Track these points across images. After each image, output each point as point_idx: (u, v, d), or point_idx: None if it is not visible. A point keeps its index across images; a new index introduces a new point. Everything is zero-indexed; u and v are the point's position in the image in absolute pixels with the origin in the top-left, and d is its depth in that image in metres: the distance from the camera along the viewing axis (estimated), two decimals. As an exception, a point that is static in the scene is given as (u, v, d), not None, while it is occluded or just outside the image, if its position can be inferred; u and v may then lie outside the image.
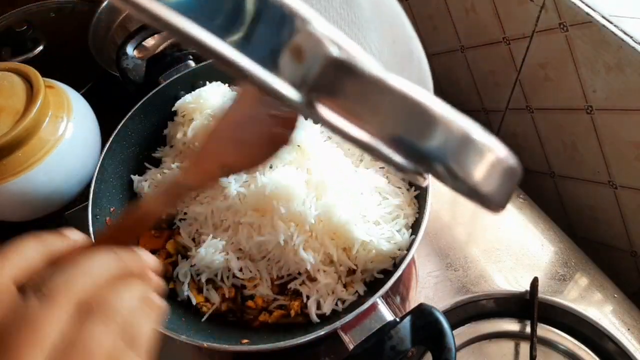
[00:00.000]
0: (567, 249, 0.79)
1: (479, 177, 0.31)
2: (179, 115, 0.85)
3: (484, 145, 0.31)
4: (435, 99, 0.30)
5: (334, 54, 0.29)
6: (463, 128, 0.30)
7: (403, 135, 0.30)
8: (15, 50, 1.14)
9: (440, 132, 0.30)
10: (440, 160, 0.30)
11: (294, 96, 0.30)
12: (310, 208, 0.69)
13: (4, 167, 0.83)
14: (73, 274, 0.34)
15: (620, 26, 0.68)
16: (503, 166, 0.31)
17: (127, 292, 0.35)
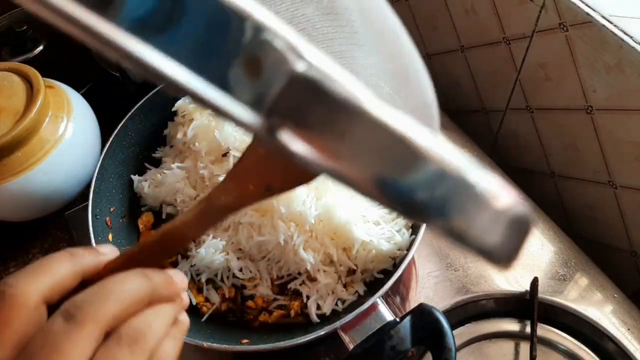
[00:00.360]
0: (567, 249, 0.79)
1: (480, 230, 0.25)
2: (179, 115, 0.85)
3: (487, 191, 0.25)
4: (427, 130, 0.24)
5: (299, 70, 0.23)
6: (459, 169, 0.24)
7: (385, 176, 0.25)
8: (15, 50, 1.14)
9: (429, 173, 0.24)
10: (434, 210, 0.25)
11: (249, 118, 0.24)
12: (311, 208, 0.69)
13: (4, 167, 0.83)
14: (103, 298, 0.33)
15: (620, 26, 0.68)
16: (511, 215, 0.26)
17: (156, 319, 0.35)
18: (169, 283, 0.38)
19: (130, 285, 0.35)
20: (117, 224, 0.77)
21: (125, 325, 0.33)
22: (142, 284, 0.35)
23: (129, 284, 0.34)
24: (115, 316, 0.33)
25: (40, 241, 0.98)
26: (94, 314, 0.32)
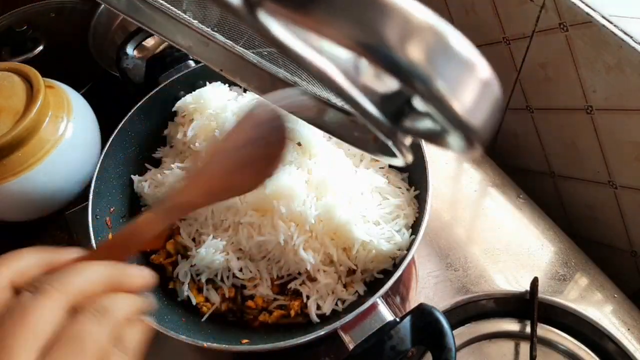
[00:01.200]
0: (567, 249, 0.79)
1: (466, 100, 0.24)
2: (179, 115, 0.85)
3: (467, 58, 0.24)
4: None
5: None
6: (444, 33, 0.24)
7: (369, 41, 0.23)
8: (15, 50, 1.14)
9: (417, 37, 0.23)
10: (417, 77, 0.23)
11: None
12: (311, 208, 0.69)
13: (4, 167, 0.83)
14: (69, 274, 0.35)
15: (620, 26, 0.68)
16: (485, 83, 0.25)
17: (120, 302, 0.36)
18: (134, 276, 0.40)
19: (97, 267, 0.37)
20: (117, 224, 0.77)
21: (91, 301, 0.34)
22: (107, 269, 0.37)
23: (95, 267, 0.37)
24: (81, 290, 0.34)
25: (40, 241, 0.98)
26: (60, 285, 0.34)
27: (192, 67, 0.87)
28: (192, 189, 0.53)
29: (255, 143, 0.58)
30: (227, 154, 0.57)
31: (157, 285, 0.75)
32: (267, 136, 0.59)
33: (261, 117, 0.59)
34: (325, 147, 0.78)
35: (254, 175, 0.58)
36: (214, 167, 0.55)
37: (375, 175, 0.77)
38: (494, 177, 0.88)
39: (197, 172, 0.55)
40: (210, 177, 0.55)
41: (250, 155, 0.58)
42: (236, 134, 0.58)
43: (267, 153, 0.58)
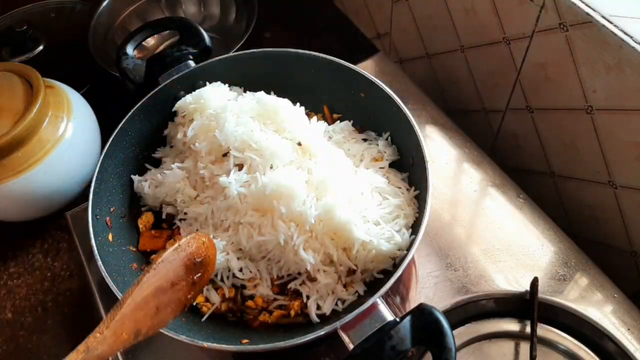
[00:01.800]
0: (567, 249, 0.79)
1: None
2: (179, 115, 0.85)
3: None
4: None
5: None
6: None
7: None
8: (15, 50, 1.14)
9: None
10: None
11: None
12: (311, 208, 0.69)
13: (4, 167, 0.83)
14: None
15: (620, 26, 0.68)
16: None
17: None
18: None
19: None
20: (117, 224, 0.77)
21: None
22: None
23: None
24: None
25: (40, 241, 0.98)
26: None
27: (192, 67, 0.87)
28: (109, 338, 0.52)
29: (177, 285, 0.59)
30: (149, 298, 0.56)
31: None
32: (194, 272, 0.62)
33: (190, 254, 0.62)
34: (326, 147, 0.78)
35: (165, 316, 0.59)
36: (135, 312, 0.54)
37: (375, 175, 0.77)
38: (494, 177, 0.88)
39: (119, 318, 0.53)
40: (128, 322, 0.54)
41: (170, 297, 0.59)
42: (160, 275, 0.58)
43: (185, 295, 0.61)
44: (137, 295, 0.55)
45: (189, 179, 0.79)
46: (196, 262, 0.62)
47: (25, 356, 0.86)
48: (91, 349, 0.49)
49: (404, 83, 1.01)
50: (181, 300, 0.61)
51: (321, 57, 0.85)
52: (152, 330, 0.57)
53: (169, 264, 0.59)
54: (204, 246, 0.64)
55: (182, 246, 0.61)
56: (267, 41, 1.27)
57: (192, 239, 0.63)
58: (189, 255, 0.61)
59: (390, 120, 0.81)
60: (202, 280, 0.63)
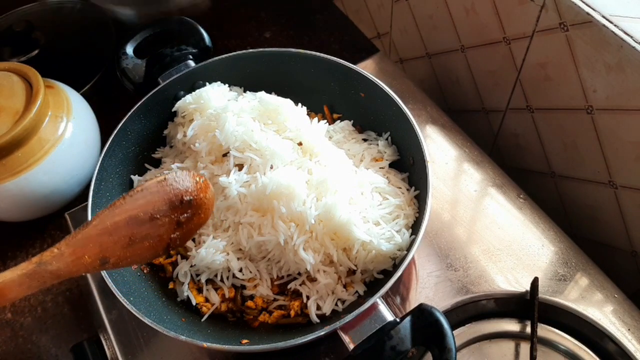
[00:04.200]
0: (567, 249, 0.79)
1: None
2: (179, 115, 0.85)
3: None
4: None
5: None
6: None
7: None
8: (15, 50, 1.14)
9: None
10: None
11: None
12: (311, 208, 0.69)
13: (4, 167, 0.83)
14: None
15: (621, 26, 0.68)
16: None
17: None
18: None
19: None
20: (117, 224, 0.77)
21: None
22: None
23: None
24: None
25: (40, 241, 0.98)
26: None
27: (191, 67, 0.87)
28: (66, 255, 0.48)
29: (157, 221, 0.53)
30: (120, 225, 0.51)
31: (157, 285, 0.75)
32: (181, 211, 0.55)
33: (178, 191, 0.55)
34: (326, 148, 0.78)
35: (140, 253, 0.53)
36: (99, 235, 0.50)
37: (375, 175, 0.77)
38: (494, 177, 0.88)
39: (76, 236, 0.49)
40: (91, 244, 0.49)
41: (146, 232, 0.53)
42: (139, 203, 0.53)
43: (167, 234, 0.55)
44: (106, 218, 0.51)
45: (188, 179, 0.79)
46: (184, 201, 0.56)
47: (25, 356, 0.86)
48: (44, 262, 0.46)
49: (404, 83, 1.01)
50: (163, 238, 0.55)
51: (321, 57, 0.85)
52: (123, 261, 0.53)
53: (149, 195, 0.54)
54: (197, 186, 0.58)
55: (169, 180, 0.56)
56: (267, 41, 1.27)
57: (183, 175, 0.57)
58: (175, 191, 0.55)
59: (390, 120, 0.81)
60: (190, 223, 0.57)
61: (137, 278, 0.73)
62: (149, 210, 0.53)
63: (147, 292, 0.72)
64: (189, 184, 0.57)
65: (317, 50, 0.85)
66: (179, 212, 0.55)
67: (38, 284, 0.47)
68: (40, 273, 0.46)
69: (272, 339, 0.66)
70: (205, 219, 0.60)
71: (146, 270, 0.76)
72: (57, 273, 0.47)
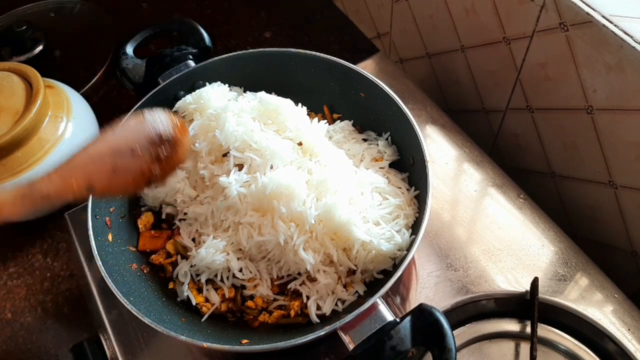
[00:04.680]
0: (567, 249, 0.79)
1: None
2: (179, 115, 0.85)
3: None
4: None
5: None
6: None
7: None
8: (15, 50, 1.14)
9: None
10: None
11: None
12: (311, 208, 0.69)
13: (4, 167, 0.83)
14: None
15: (621, 26, 0.68)
16: None
17: None
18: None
19: None
20: (116, 224, 0.77)
21: None
22: None
23: None
24: None
25: (40, 241, 0.98)
26: None
27: (191, 67, 0.87)
28: (55, 178, 0.53)
29: (138, 153, 0.58)
30: (104, 154, 0.57)
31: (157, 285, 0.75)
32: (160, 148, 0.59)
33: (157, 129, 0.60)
34: (326, 148, 0.78)
35: (124, 183, 0.58)
36: (85, 162, 0.55)
37: (375, 175, 0.77)
38: (494, 177, 0.88)
39: (68, 166, 0.54)
40: (78, 171, 0.54)
41: (128, 163, 0.58)
42: (119, 136, 0.58)
43: (148, 167, 0.59)
44: (91, 148, 0.56)
45: (188, 179, 0.79)
46: (162, 137, 0.60)
47: (25, 356, 0.86)
48: (35, 186, 0.51)
49: (404, 83, 1.01)
50: (144, 171, 0.59)
51: (321, 57, 0.85)
52: (108, 190, 0.57)
53: (129, 129, 0.59)
54: (174, 124, 0.62)
55: (147, 118, 0.61)
56: (267, 41, 1.27)
57: (160, 113, 0.62)
58: (154, 127, 0.60)
59: (390, 120, 0.81)
60: (169, 160, 0.61)
61: (137, 278, 0.73)
62: (129, 143, 0.58)
63: (147, 292, 0.72)
64: (166, 122, 0.61)
65: (317, 50, 0.85)
66: (158, 147, 0.59)
67: (30, 205, 0.52)
68: (31, 195, 0.51)
69: (272, 339, 0.66)
70: (182, 157, 0.63)
71: (146, 270, 0.76)
72: (47, 195, 0.52)
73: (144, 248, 0.78)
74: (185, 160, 0.64)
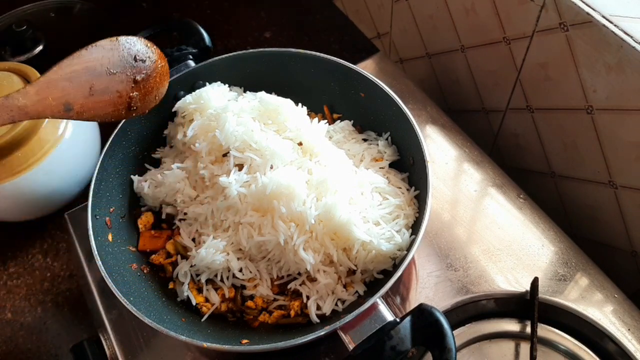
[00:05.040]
0: (567, 249, 0.79)
1: None
2: (179, 115, 0.85)
3: None
4: None
5: None
6: None
7: None
8: (15, 50, 1.14)
9: None
10: None
11: None
12: (311, 208, 0.69)
13: (4, 167, 0.83)
14: None
15: (621, 26, 0.68)
16: None
17: None
18: None
19: None
20: (117, 224, 0.77)
21: None
22: None
23: None
24: None
25: (39, 241, 0.98)
26: None
27: (191, 67, 0.87)
28: (32, 94, 0.52)
29: (116, 77, 0.58)
30: (80, 72, 0.56)
31: (157, 285, 0.75)
32: (136, 70, 0.60)
33: (131, 50, 0.60)
34: (326, 148, 0.78)
35: (103, 107, 0.58)
36: (61, 79, 0.54)
37: (375, 175, 0.77)
38: (494, 177, 0.88)
39: (41, 79, 0.54)
40: (54, 87, 0.54)
41: (106, 85, 0.57)
42: (96, 56, 0.58)
43: (126, 92, 0.59)
44: (65, 65, 0.56)
45: (188, 179, 0.79)
46: (137, 59, 0.61)
47: (25, 356, 0.86)
48: (12, 97, 0.51)
49: (404, 83, 1.01)
50: (122, 94, 0.60)
51: (321, 57, 0.85)
52: (86, 111, 0.57)
53: (102, 50, 0.59)
54: (150, 49, 0.64)
55: (120, 40, 0.61)
56: (267, 41, 1.27)
57: (134, 38, 0.62)
58: (128, 49, 0.61)
59: (390, 120, 0.81)
60: (147, 84, 0.62)
61: (137, 278, 0.73)
62: (104, 63, 0.58)
63: (147, 292, 0.72)
64: (140, 46, 0.63)
65: (317, 50, 0.85)
66: (134, 70, 0.60)
67: (7, 117, 0.52)
68: (8, 106, 0.51)
69: (272, 339, 0.66)
70: (161, 82, 0.65)
71: (146, 270, 0.76)
72: (24, 109, 0.52)
73: (144, 248, 0.78)
74: (166, 86, 0.65)
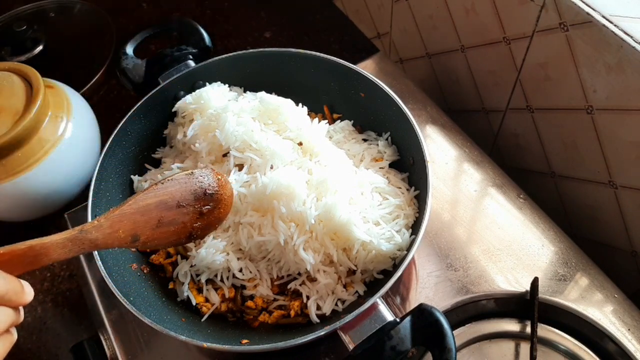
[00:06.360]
0: (567, 249, 0.79)
1: None
2: (179, 115, 0.85)
3: None
4: None
5: None
6: None
7: None
8: (15, 50, 1.14)
9: None
10: None
11: None
12: (311, 208, 0.69)
13: (4, 167, 0.83)
14: None
15: (621, 26, 0.68)
16: None
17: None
18: (19, 292, 0.42)
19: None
20: (117, 224, 0.77)
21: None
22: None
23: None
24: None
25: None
26: None
27: (191, 67, 0.87)
28: (105, 228, 0.54)
29: (183, 209, 0.61)
30: (152, 207, 0.59)
31: (157, 285, 0.75)
32: (204, 203, 0.62)
33: (202, 184, 0.63)
34: (326, 148, 0.78)
35: (166, 237, 0.60)
36: (134, 214, 0.57)
37: (375, 175, 0.77)
38: (494, 177, 0.88)
39: (116, 213, 0.56)
40: (126, 221, 0.56)
41: (173, 217, 0.60)
42: (167, 191, 0.60)
43: (191, 223, 0.62)
44: (140, 200, 0.58)
45: (188, 179, 0.79)
46: (207, 194, 0.63)
47: (25, 356, 0.86)
48: (86, 231, 0.53)
49: (404, 83, 1.01)
50: (186, 225, 0.62)
51: (321, 57, 0.85)
52: (151, 241, 0.59)
53: (177, 184, 0.61)
54: (219, 182, 0.66)
55: (195, 174, 0.64)
56: (267, 41, 1.27)
57: (207, 171, 0.65)
58: (200, 183, 0.63)
59: (390, 120, 0.81)
60: (211, 215, 0.64)
61: (137, 278, 0.73)
62: (176, 197, 0.61)
63: (147, 292, 0.72)
64: (212, 179, 0.65)
65: (317, 50, 0.85)
66: (202, 203, 0.63)
67: (78, 249, 0.53)
68: (81, 239, 0.52)
69: (272, 339, 0.66)
70: (224, 213, 0.67)
71: (146, 270, 0.76)
72: (95, 242, 0.54)
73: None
74: (227, 215, 0.68)
